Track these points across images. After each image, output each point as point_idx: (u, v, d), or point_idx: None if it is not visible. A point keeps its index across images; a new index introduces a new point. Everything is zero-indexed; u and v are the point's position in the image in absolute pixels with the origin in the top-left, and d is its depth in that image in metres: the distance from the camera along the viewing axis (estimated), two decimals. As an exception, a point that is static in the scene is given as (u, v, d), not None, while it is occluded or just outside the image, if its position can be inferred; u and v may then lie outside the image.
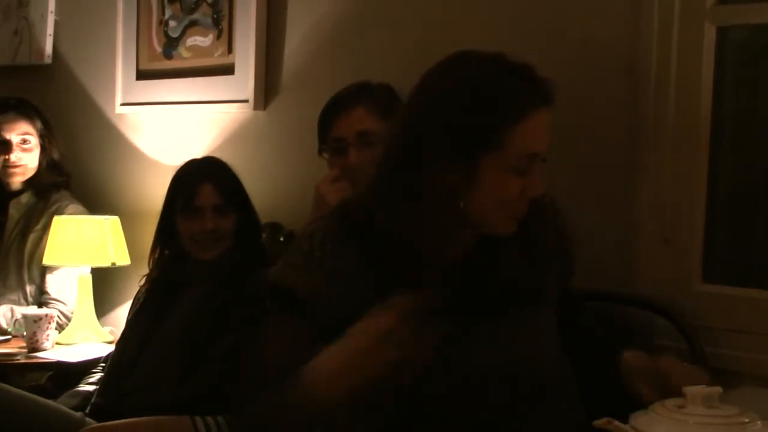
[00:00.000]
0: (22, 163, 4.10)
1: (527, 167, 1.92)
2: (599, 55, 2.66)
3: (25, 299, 3.99)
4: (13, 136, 4.09)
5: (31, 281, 4.02)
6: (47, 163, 4.14)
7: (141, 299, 3.35)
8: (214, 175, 3.21)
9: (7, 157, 4.09)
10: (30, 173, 4.13)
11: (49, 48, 4.64)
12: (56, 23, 4.64)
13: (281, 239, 3.21)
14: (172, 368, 3.07)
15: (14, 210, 4.15)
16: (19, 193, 4.15)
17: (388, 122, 2.67)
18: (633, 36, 2.60)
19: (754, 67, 2.64)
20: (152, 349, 3.15)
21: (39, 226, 4.05)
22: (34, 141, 4.11)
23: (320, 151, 2.80)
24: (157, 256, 3.31)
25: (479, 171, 1.91)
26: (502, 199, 1.93)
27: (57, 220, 3.89)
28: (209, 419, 2.75)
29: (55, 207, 4.06)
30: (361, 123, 2.73)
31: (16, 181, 4.14)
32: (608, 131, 2.65)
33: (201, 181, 3.18)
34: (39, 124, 4.14)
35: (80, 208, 4.08)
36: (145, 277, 3.40)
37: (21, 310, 3.84)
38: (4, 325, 3.89)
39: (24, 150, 4.10)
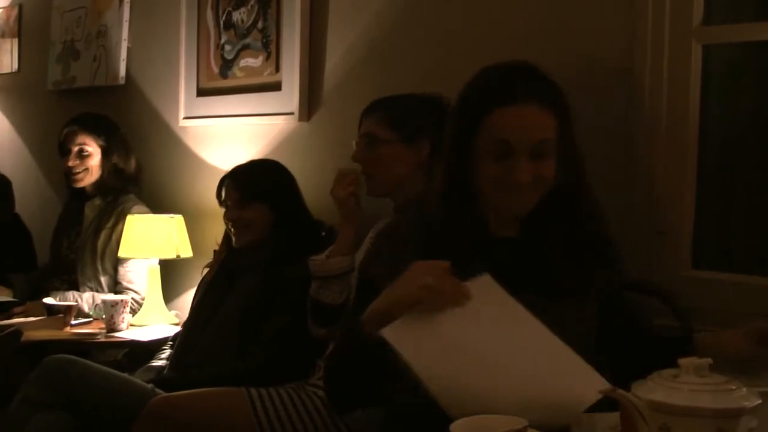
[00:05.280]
0: (79, 169, 4.11)
1: (502, 154, 1.91)
2: (601, 69, 2.63)
3: (100, 288, 4.01)
4: (72, 146, 4.11)
5: (105, 272, 4.03)
6: (110, 170, 4.14)
7: (204, 284, 3.37)
8: (238, 175, 3.31)
9: (67, 164, 4.12)
10: (93, 178, 4.14)
11: (122, 71, 4.66)
12: (129, 50, 4.66)
13: (323, 234, 3.20)
14: (229, 345, 3.08)
15: (89, 211, 4.16)
16: (92, 196, 4.17)
17: (397, 131, 2.73)
18: (630, 53, 2.58)
19: (734, 79, 2.62)
20: (212, 329, 3.17)
21: (109, 225, 4.06)
22: (91, 150, 4.11)
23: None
24: (222, 246, 3.37)
25: (472, 153, 1.94)
26: (487, 180, 1.93)
27: (130, 218, 3.90)
28: (263, 390, 2.74)
29: (121, 208, 4.07)
30: (368, 127, 2.81)
31: (81, 183, 4.15)
32: (608, 137, 2.63)
33: (224, 180, 3.31)
34: (100, 136, 4.14)
35: (144, 208, 4.08)
36: (208, 265, 3.42)
37: (101, 297, 3.86)
38: (87, 310, 3.91)
39: (81, 157, 4.11)
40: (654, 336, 2.07)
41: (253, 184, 3.26)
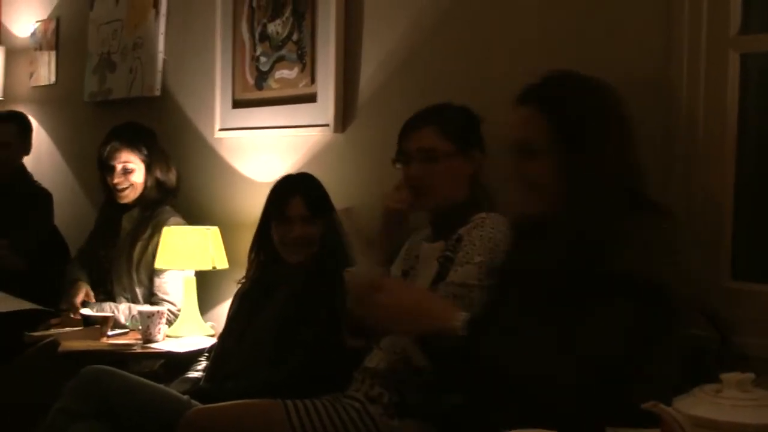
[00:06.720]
0: (124, 186, 4.13)
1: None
2: (638, 80, 2.62)
3: (136, 298, 4.03)
4: (116, 163, 4.12)
5: (140, 283, 4.05)
6: (152, 183, 4.15)
7: (240, 297, 3.37)
8: (304, 189, 3.24)
9: (111, 181, 4.13)
10: (138, 192, 4.15)
11: (158, 83, 4.69)
12: (164, 61, 4.69)
13: (359, 245, 3.20)
14: (265, 357, 3.09)
15: (126, 222, 4.19)
16: (131, 208, 4.19)
17: (456, 142, 2.70)
18: (667, 63, 2.56)
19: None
20: (248, 339, 3.18)
21: (145, 236, 4.09)
22: (134, 166, 4.13)
23: (394, 162, 2.81)
24: (254, 259, 3.34)
25: None
26: None
27: (166, 230, 3.92)
28: (299, 402, 2.73)
29: (157, 219, 4.09)
30: (426, 140, 2.74)
31: (127, 199, 4.17)
32: (645, 147, 2.60)
33: (292, 193, 3.21)
34: (142, 150, 4.15)
35: (180, 220, 4.10)
36: (243, 279, 3.41)
37: (137, 308, 3.88)
38: (123, 321, 3.93)
39: (125, 174, 4.12)
40: None
41: (319, 201, 3.25)
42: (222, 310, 3.88)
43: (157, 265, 3.93)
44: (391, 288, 2.13)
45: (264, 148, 4.03)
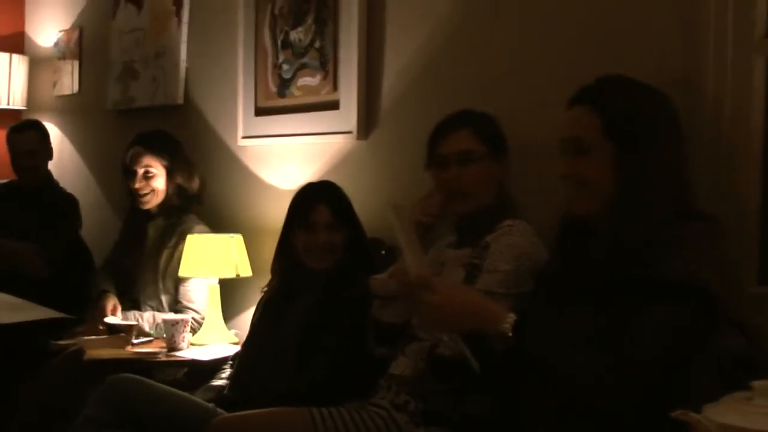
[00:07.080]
0: (145, 191, 4.13)
1: None
2: (663, 84, 2.59)
3: (161, 306, 4.04)
4: (138, 168, 4.13)
5: (166, 291, 4.06)
6: (173, 189, 4.17)
7: (264, 304, 3.37)
8: (328, 197, 3.24)
9: (133, 186, 4.14)
10: (159, 199, 4.16)
11: (181, 91, 4.70)
12: (187, 70, 4.70)
13: (382, 252, 3.20)
14: (289, 364, 3.08)
15: (152, 230, 4.20)
16: (156, 216, 4.20)
17: (488, 145, 2.70)
18: (692, 67, 2.55)
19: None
20: (272, 347, 3.18)
21: (171, 244, 4.09)
22: (156, 171, 4.13)
23: (426, 167, 2.80)
24: (277, 266, 3.35)
25: None
26: None
27: (190, 238, 3.92)
28: (324, 411, 2.73)
29: (182, 228, 4.10)
30: (464, 143, 2.74)
31: (148, 205, 4.17)
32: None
33: (317, 201, 3.21)
34: (164, 157, 4.16)
35: (205, 228, 4.10)
36: (266, 287, 3.42)
37: (161, 316, 3.88)
38: (147, 329, 3.94)
39: (147, 179, 4.13)
40: None
41: (343, 208, 3.25)
42: (246, 318, 3.88)
43: (181, 273, 3.93)
44: (442, 288, 2.14)
45: (287, 155, 4.04)
